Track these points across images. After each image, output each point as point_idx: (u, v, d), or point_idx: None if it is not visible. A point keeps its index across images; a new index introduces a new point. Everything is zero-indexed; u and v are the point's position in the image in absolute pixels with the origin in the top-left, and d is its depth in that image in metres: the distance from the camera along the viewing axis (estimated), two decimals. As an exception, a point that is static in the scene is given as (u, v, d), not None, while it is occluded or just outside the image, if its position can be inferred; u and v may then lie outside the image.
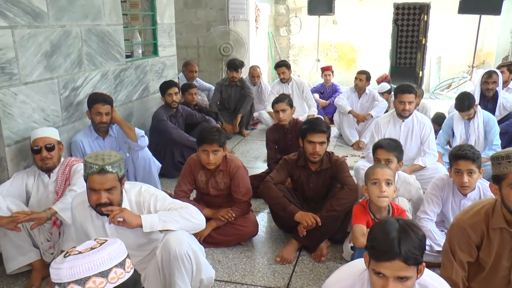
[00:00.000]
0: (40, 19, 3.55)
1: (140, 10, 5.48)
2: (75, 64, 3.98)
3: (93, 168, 2.26)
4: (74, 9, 3.91)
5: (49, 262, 3.12)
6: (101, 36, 4.31)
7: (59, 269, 1.27)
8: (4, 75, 3.27)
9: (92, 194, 2.32)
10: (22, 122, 3.44)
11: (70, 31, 3.88)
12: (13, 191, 3.14)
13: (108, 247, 1.32)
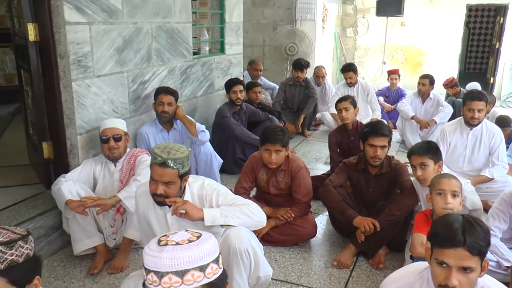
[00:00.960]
0: (115, 16, 3.71)
1: (209, 8, 5.58)
2: (144, 59, 4.12)
3: (156, 159, 2.32)
4: (147, 6, 4.05)
5: (112, 247, 3.28)
6: (170, 33, 4.43)
7: (159, 257, 1.27)
8: (80, 68, 3.44)
9: (151, 183, 2.39)
10: (93, 112, 3.61)
11: (141, 27, 4.02)
12: (82, 177, 3.31)
13: (206, 242, 1.32)
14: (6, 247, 1.41)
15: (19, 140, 4.99)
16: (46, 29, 3.36)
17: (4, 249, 1.40)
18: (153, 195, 2.40)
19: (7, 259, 1.40)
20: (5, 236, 1.44)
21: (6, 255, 1.39)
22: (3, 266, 1.39)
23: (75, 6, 3.34)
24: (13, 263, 1.41)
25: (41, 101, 3.59)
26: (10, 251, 1.41)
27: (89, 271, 3.10)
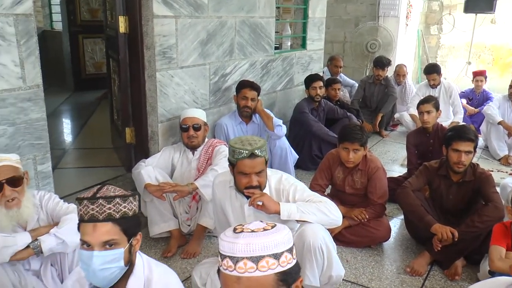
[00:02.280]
0: (201, 10, 3.80)
1: (293, 3, 5.57)
2: (226, 53, 4.20)
3: (243, 154, 2.34)
4: (232, 1, 4.11)
5: (186, 233, 3.39)
6: (253, 28, 4.48)
7: (234, 243, 1.31)
8: (165, 59, 3.57)
9: (241, 178, 2.40)
10: (174, 102, 3.74)
11: (225, 21, 4.10)
12: (161, 163, 3.44)
13: (281, 231, 1.34)
14: (121, 199, 1.62)
15: (103, 125, 5.28)
16: (135, 22, 3.52)
17: (120, 201, 1.61)
18: (245, 189, 2.41)
19: (121, 210, 1.61)
20: (119, 191, 1.65)
21: (121, 207, 1.61)
22: (118, 215, 1.60)
23: (163, 0, 3.46)
24: (125, 214, 1.62)
25: (126, 89, 3.77)
26: (123, 204, 1.62)
27: (163, 254, 3.22)
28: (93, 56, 8.21)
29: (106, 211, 1.59)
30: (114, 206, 1.61)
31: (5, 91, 2.60)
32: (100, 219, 1.59)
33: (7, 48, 2.57)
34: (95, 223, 1.58)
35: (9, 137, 2.66)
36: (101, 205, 1.59)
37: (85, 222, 1.60)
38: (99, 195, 1.61)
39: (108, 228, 1.59)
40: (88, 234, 1.59)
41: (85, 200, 1.61)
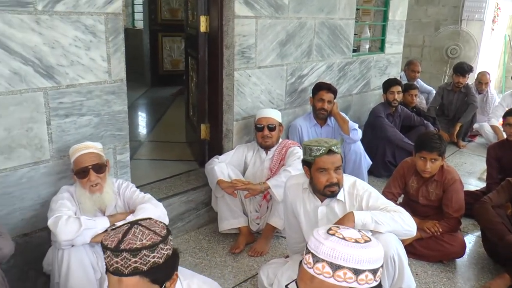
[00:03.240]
0: (281, 10, 3.82)
1: (374, 5, 5.46)
2: (304, 54, 4.19)
3: (321, 150, 2.35)
4: (312, 2, 4.10)
5: (254, 231, 3.42)
6: (333, 29, 4.44)
7: (321, 243, 1.30)
8: (243, 58, 3.62)
9: (320, 176, 2.40)
10: (250, 101, 3.78)
11: (305, 23, 4.09)
12: (234, 161, 3.50)
13: (371, 249, 1.30)
14: (149, 250, 1.45)
15: (178, 120, 5.44)
16: (216, 21, 3.60)
17: (147, 253, 1.44)
18: (325, 187, 2.40)
19: (149, 261, 1.45)
20: (148, 238, 1.48)
21: (149, 258, 1.45)
22: (146, 267, 1.44)
23: (245, 0, 3.51)
24: (155, 264, 1.46)
25: (204, 86, 3.86)
26: (152, 254, 1.45)
27: (231, 250, 3.27)
28: (171, 53, 8.49)
29: (132, 265, 1.43)
30: (141, 259, 1.44)
31: (93, 84, 2.74)
32: (126, 274, 1.43)
33: (97, 44, 2.71)
34: (120, 277, 1.43)
35: (94, 127, 2.81)
36: (126, 259, 1.43)
37: (110, 273, 1.46)
38: (123, 246, 1.43)
39: (134, 282, 1.44)
40: (114, 287, 1.46)
41: (109, 251, 1.45)
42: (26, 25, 2.40)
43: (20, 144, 2.51)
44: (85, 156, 2.44)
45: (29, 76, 2.47)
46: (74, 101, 2.67)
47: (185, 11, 4.54)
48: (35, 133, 2.56)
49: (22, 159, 2.54)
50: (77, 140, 2.69)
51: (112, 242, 1.46)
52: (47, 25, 2.47)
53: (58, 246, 2.29)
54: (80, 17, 2.59)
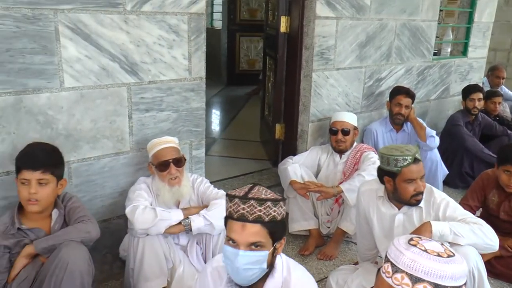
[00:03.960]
0: (362, 12, 3.75)
1: (459, 6, 5.22)
2: (383, 57, 4.08)
3: (407, 160, 2.28)
4: (394, 3, 3.98)
5: (324, 234, 3.38)
6: (414, 31, 4.29)
7: (401, 253, 1.28)
8: (322, 60, 3.59)
9: (408, 186, 2.31)
10: (327, 103, 3.75)
11: (386, 24, 3.99)
12: (308, 162, 3.47)
13: (454, 265, 1.25)
14: (272, 203, 1.59)
15: (252, 119, 5.51)
16: (296, 22, 3.60)
17: (270, 205, 1.59)
18: (412, 197, 2.34)
19: (271, 214, 1.58)
20: (270, 194, 1.64)
21: (271, 210, 1.59)
22: (268, 218, 1.58)
23: (327, 1, 3.48)
24: (274, 218, 1.59)
25: (281, 87, 3.88)
26: (274, 208, 1.59)
27: (300, 251, 3.25)
28: (248, 53, 8.61)
29: (257, 213, 1.58)
30: (265, 209, 1.58)
31: (173, 81, 2.84)
32: (250, 220, 1.57)
33: (180, 43, 2.80)
34: (244, 223, 1.58)
35: (172, 122, 2.91)
36: (252, 206, 1.58)
37: (234, 220, 1.60)
38: (250, 196, 1.60)
39: (256, 230, 1.58)
40: (236, 232, 1.59)
41: (237, 199, 1.61)
42: (116, 24, 2.53)
43: (104, 135, 2.66)
44: (166, 150, 2.54)
45: (115, 72, 2.60)
46: (154, 96, 2.78)
47: (265, 11, 4.59)
48: (118, 125, 2.69)
49: (105, 149, 2.69)
50: (156, 134, 2.81)
51: (240, 192, 1.63)
52: (134, 24, 2.60)
53: (134, 234, 2.40)
54: (165, 17, 2.69)
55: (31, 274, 2.15)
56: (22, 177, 2.12)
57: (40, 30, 2.32)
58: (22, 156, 2.18)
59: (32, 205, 2.14)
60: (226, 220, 1.64)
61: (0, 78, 2.27)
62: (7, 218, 2.20)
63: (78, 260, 2.07)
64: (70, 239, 2.13)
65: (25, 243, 2.18)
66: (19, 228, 2.19)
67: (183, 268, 2.53)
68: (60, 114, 2.49)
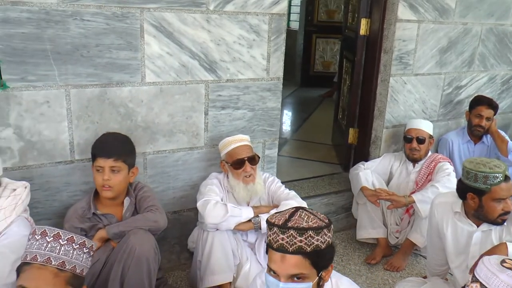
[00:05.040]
0: (446, 15, 3.60)
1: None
2: (465, 63, 3.90)
3: (498, 178, 2.15)
4: (481, 6, 3.79)
5: (392, 244, 3.29)
6: (501, 37, 4.06)
7: (494, 275, 1.24)
8: (400, 64, 3.49)
9: (496, 205, 2.19)
10: (403, 109, 3.64)
11: (470, 29, 3.80)
12: (380, 169, 3.40)
13: None
14: (314, 232, 1.48)
15: (325, 121, 5.46)
16: (377, 25, 3.53)
17: (312, 234, 1.48)
18: (499, 216, 2.22)
19: (313, 243, 1.48)
20: (313, 221, 1.52)
21: (313, 240, 1.48)
22: (309, 249, 1.48)
23: (409, 4, 3.38)
24: (317, 248, 1.48)
25: (357, 90, 3.82)
26: (316, 237, 1.48)
27: (367, 259, 3.19)
28: (323, 55, 8.54)
29: (297, 243, 1.47)
30: (306, 239, 1.48)
31: (251, 80, 2.88)
32: (290, 251, 1.47)
33: (259, 43, 2.84)
34: (284, 254, 1.48)
35: (247, 121, 2.96)
36: (292, 236, 1.48)
37: (273, 250, 1.51)
38: (290, 224, 1.50)
39: (297, 261, 1.48)
40: (275, 263, 1.50)
41: (275, 227, 1.51)
42: (198, 23, 2.62)
43: (180, 130, 2.75)
44: (241, 148, 2.59)
45: (194, 69, 2.69)
46: (231, 95, 2.84)
47: (344, 13, 4.54)
48: (194, 121, 2.78)
49: (180, 143, 2.78)
50: (230, 131, 2.87)
51: (279, 220, 1.53)
52: (216, 23, 2.66)
53: (204, 228, 2.47)
54: (246, 17, 2.74)
55: (103, 257, 2.28)
56: (97, 164, 2.28)
57: (127, 28, 2.45)
58: (97, 145, 2.34)
59: (105, 190, 2.29)
60: (267, 248, 1.56)
61: (89, 71, 2.42)
62: (84, 203, 2.37)
63: (145, 248, 2.17)
64: (139, 227, 2.24)
65: (98, 227, 2.33)
66: (94, 213, 2.35)
67: (250, 265, 2.57)
68: (140, 107, 2.61)
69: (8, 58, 2.25)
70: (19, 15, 2.22)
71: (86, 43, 2.38)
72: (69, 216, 2.34)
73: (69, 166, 2.54)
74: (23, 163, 2.42)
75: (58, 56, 2.34)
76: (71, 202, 2.52)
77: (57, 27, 2.30)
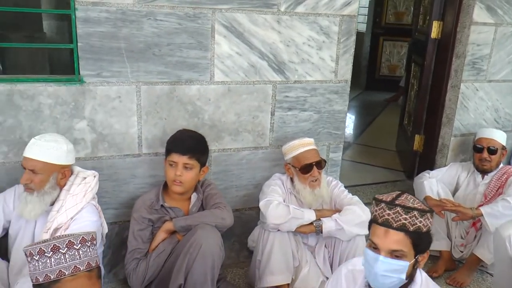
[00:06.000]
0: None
1: None
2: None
3: None
4: None
5: (456, 258, 3.17)
6: None
7: None
8: (473, 70, 3.36)
9: None
10: (473, 117, 3.50)
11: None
12: (445, 179, 3.27)
13: None
14: (419, 213, 1.56)
15: (389, 127, 5.34)
16: (450, 28, 3.41)
17: (417, 215, 1.56)
18: None
19: (416, 224, 1.55)
20: (418, 204, 1.60)
21: (416, 220, 1.55)
22: (412, 228, 1.55)
23: (487, 6, 3.24)
24: (419, 229, 1.55)
25: (425, 96, 3.71)
26: (420, 218, 1.56)
27: (429, 272, 3.07)
28: (389, 58, 8.34)
29: (402, 221, 1.56)
30: (410, 218, 1.55)
31: (318, 82, 2.87)
32: (394, 227, 1.56)
33: (329, 44, 2.82)
34: (388, 229, 1.57)
35: (313, 123, 2.95)
36: (398, 213, 1.56)
37: (377, 224, 1.60)
38: (397, 202, 1.58)
39: (399, 238, 1.56)
40: (378, 237, 1.58)
41: (383, 203, 1.60)
42: (268, 24, 2.64)
43: (246, 129, 2.79)
44: (309, 153, 2.58)
45: (263, 70, 2.71)
46: (298, 96, 2.84)
47: (414, 15, 4.42)
48: (260, 121, 2.81)
49: (245, 143, 2.82)
50: (295, 133, 2.88)
51: (387, 198, 1.62)
52: (286, 24, 2.67)
53: (266, 228, 2.48)
54: (317, 18, 2.73)
55: (168, 248, 2.35)
56: (171, 159, 2.35)
57: (198, 27, 2.51)
58: (173, 140, 2.41)
59: (176, 185, 2.36)
60: (370, 224, 1.65)
61: (159, 68, 2.51)
62: (153, 195, 2.45)
63: (211, 243, 2.22)
64: (206, 223, 2.29)
65: (165, 219, 2.41)
66: (162, 205, 2.42)
67: (309, 268, 2.56)
68: (207, 106, 2.67)
69: (86, 55, 2.38)
70: (98, 15, 2.34)
71: (158, 42, 2.47)
72: (137, 206, 2.44)
73: (136, 159, 2.64)
74: (94, 154, 2.54)
75: (131, 54, 2.45)
76: (137, 194, 2.62)
77: (132, 27, 2.40)
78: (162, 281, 2.34)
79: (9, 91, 2.31)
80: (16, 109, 2.35)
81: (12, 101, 2.33)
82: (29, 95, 2.35)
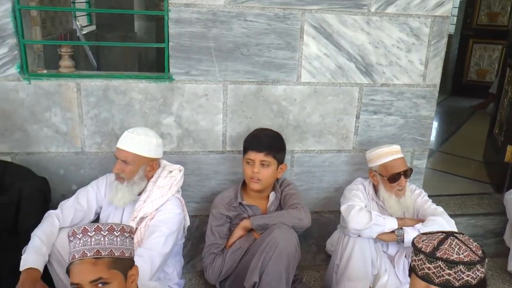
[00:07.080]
0: None
1: None
2: None
3: None
4: None
5: None
6: None
7: None
8: None
9: None
10: None
11: None
12: None
13: None
14: (466, 267, 1.38)
15: (476, 135, 5.04)
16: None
17: (463, 269, 1.38)
18: None
19: (463, 279, 1.38)
20: (465, 254, 1.41)
21: (463, 274, 1.38)
22: (458, 284, 1.39)
23: None
24: (466, 283, 1.38)
25: (520, 104, 3.47)
26: (467, 272, 1.38)
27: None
28: (479, 62, 7.89)
29: (445, 276, 1.38)
30: (455, 274, 1.37)
31: (405, 86, 2.78)
32: (435, 283, 1.39)
33: (418, 47, 2.72)
34: (429, 285, 1.41)
35: (398, 128, 2.86)
36: (440, 268, 1.39)
37: (417, 277, 1.44)
38: (438, 254, 1.40)
39: None
40: None
41: (422, 254, 1.43)
42: (358, 25, 2.59)
43: (330, 131, 2.76)
44: (398, 162, 2.49)
45: (350, 72, 2.67)
46: (384, 99, 2.77)
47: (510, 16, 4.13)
48: (344, 123, 2.77)
49: (328, 145, 2.79)
50: (380, 137, 2.81)
51: (427, 246, 1.44)
52: (376, 25, 2.61)
53: (346, 233, 2.44)
54: (407, 19, 2.64)
55: (244, 246, 2.39)
56: (248, 157, 2.40)
57: (287, 28, 2.53)
58: (250, 138, 2.46)
59: (254, 183, 2.41)
60: (410, 272, 1.49)
61: (247, 68, 2.55)
62: (232, 192, 2.50)
63: (287, 243, 2.23)
64: (283, 222, 2.30)
65: (243, 217, 2.45)
66: (240, 203, 2.47)
67: (388, 278, 2.48)
68: (293, 106, 2.67)
69: (176, 54, 2.47)
70: (190, 16, 2.42)
71: (247, 42, 2.51)
72: (216, 202, 2.50)
73: (219, 156, 2.70)
74: (180, 149, 2.64)
75: (219, 54, 2.51)
76: (218, 190, 2.69)
77: (222, 27, 2.47)
78: (237, 278, 2.38)
79: (105, 86, 2.47)
80: (110, 103, 2.50)
81: (107, 95, 2.49)
82: (122, 91, 2.49)
